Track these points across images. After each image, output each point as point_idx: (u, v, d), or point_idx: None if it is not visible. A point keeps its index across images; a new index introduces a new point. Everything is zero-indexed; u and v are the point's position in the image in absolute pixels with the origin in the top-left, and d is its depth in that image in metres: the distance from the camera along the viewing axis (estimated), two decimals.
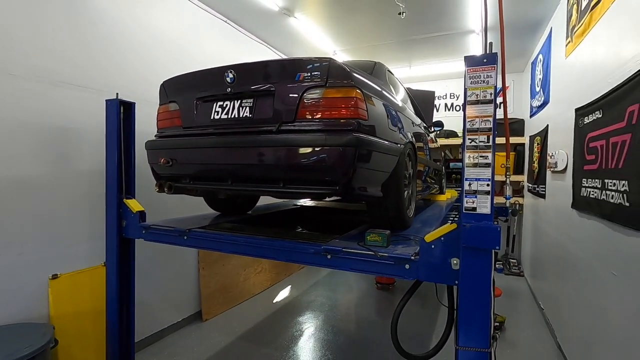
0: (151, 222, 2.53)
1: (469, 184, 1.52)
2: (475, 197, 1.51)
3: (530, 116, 5.59)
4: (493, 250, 1.51)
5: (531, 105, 5.53)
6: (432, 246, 1.63)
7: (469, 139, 1.52)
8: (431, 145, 3.73)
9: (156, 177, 2.35)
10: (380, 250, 1.75)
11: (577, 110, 3.05)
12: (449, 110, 7.10)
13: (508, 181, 1.82)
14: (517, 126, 6.24)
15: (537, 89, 5.06)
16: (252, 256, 2.13)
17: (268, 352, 3.48)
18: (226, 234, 2.22)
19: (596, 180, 2.55)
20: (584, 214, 2.84)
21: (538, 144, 4.78)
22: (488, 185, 1.49)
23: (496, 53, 1.53)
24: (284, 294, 5.08)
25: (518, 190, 6.20)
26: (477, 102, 1.51)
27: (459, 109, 7.01)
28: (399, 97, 2.77)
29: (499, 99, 1.76)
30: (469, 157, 1.52)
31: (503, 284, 5.46)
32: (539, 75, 4.99)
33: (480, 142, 1.50)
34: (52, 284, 2.63)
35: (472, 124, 1.52)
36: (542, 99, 4.67)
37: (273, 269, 5.38)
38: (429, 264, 1.64)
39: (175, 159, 2.16)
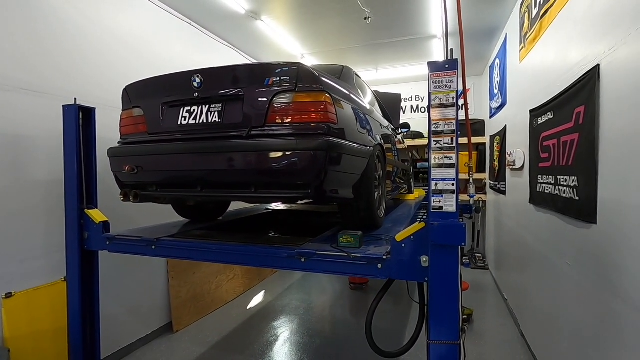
0: (116, 232, 2.42)
1: (435, 184, 1.59)
2: (442, 196, 1.58)
3: (490, 117, 5.90)
4: (459, 246, 1.58)
5: (490, 107, 5.83)
6: (403, 245, 1.68)
7: (434, 140, 1.59)
8: (399, 146, 3.84)
9: (120, 186, 2.26)
10: (353, 252, 1.78)
11: (531, 111, 3.26)
12: (414, 112, 7.33)
13: (471, 180, 1.92)
14: (478, 126, 6.55)
15: (495, 91, 5.35)
16: (225, 263, 2.10)
17: (242, 359, 3.42)
18: (197, 242, 2.16)
19: (550, 176, 2.74)
20: (540, 209, 3.03)
21: (498, 143, 5.04)
22: (453, 184, 1.56)
23: (457, 59, 1.60)
24: (257, 299, 5.02)
25: (481, 188, 6.51)
26: (440, 106, 1.58)
27: (424, 111, 7.26)
28: (367, 100, 2.84)
29: (461, 101, 1.85)
30: (434, 159, 1.59)
31: (470, 278, 5.70)
32: (496, 79, 5.27)
33: (444, 143, 1.57)
34: (6, 303, 2.45)
35: (437, 127, 1.58)
36: (500, 100, 4.94)
37: (246, 275, 5.30)
38: (400, 262, 1.69)
39: (140, 166, 2.08)
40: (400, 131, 4.10)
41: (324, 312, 4.71)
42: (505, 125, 4.58)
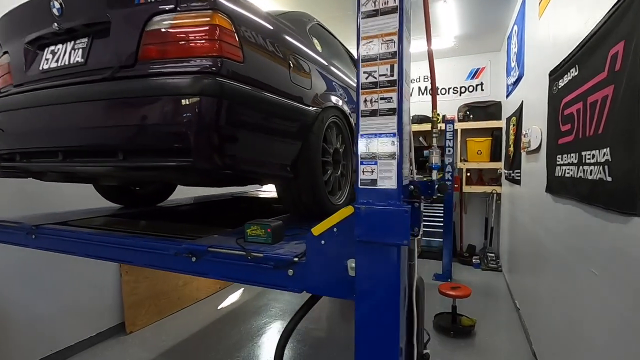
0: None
1: (366, 143, 0.97)
2: (375, 163, 0.96)
3: (507, 96, 5.12)
4: (403, 247, 0.97)
5: (507, 85, 5.05)
6: (322, 241, 1.08)
7: (364, 72, 0.97)
8: None
9: None
10: (259, 249, 1.21)
11: (551, 73, 2.54)
12: (422, 94, 6.58)
13: (434, 142, 1.27)
14: (494, 109, 5.77)
15: (512, 64, 4.57)
16: (106, 260, 1.56)
17: None
18: (80, 232, 1.64)
19: (572, 155, 2.04)
20: (559, 198, 2.33)
21: (513, 125, 4.29)
22: (393, 143, 0.94)
23: None
24: (233, 298, 4.51)
25: (495, 179, 5.75)
26: (374, 14, 0.96)
27: None
28: (328, 54, 2.22)
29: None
30: (364, 102, 0.97)
31: (480, 281, 5.00)
32: (514, 49, 4.49)
33: (380, 75, 0.95)
34: None
35: (369, 48, 0.96)
36: (517, 73, 4.17)
37: None
38: (319, 268, 1.10)
39: (1, 128, 1.57)
40: None
41: (308, 315, 4.13)
42: (522, 102, 3.83)
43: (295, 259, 1.11)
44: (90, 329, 3.21)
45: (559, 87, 2.34)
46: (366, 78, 0.96)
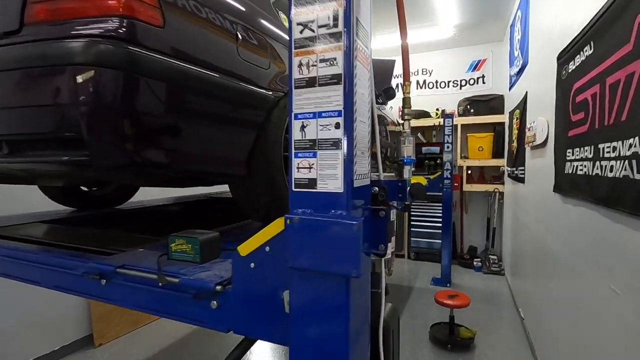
0: None
1: (302, 126, 0.67)
2: (314, 155, 0.66)
3: (510, 88, 4.79)
4: (351, 277, 0.67)
5: (510, 76, 4.72)
6: (252, 265, 0.79)
7: (297, 24, 0.67)
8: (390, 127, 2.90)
9: None
10: (179, 271, 0.91)
11: (559, 57, 2.23)
12: (420, 87, 6.25)
13: (407, 127, 0.97)
14: (495, 103, 5.44)
15: (516, 53, 4.24)
16: (13, 279, 1.27)
17: None
18: None
19: (586, 148, 1.73)
20: (570, 199, 2.02)
21: (517, 118, 3.97)
22: (339, 125, 0.64)
23: None
24: None
25: (498, 177, 5.42)
26: None
27: (433, 86, 6.18)
28: None
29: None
30: (298, 67, 0.67)
31: (481, 285, 4.69)
32: (517, 37, 4.17)
33: (320, 27, 0.65)
34: None
35: None
36: (521, 62, 3.85)
37: None
38: (249, 299, 0.81)
39: None
40: (379, 101, 3.13)
41: None
42: (526, 92, 3.51)
43: (218, 288, 0.82)
44: (51, 342, 2.94)
45: (569, 70, 2.03)
46: (300, 32, 0.66)
